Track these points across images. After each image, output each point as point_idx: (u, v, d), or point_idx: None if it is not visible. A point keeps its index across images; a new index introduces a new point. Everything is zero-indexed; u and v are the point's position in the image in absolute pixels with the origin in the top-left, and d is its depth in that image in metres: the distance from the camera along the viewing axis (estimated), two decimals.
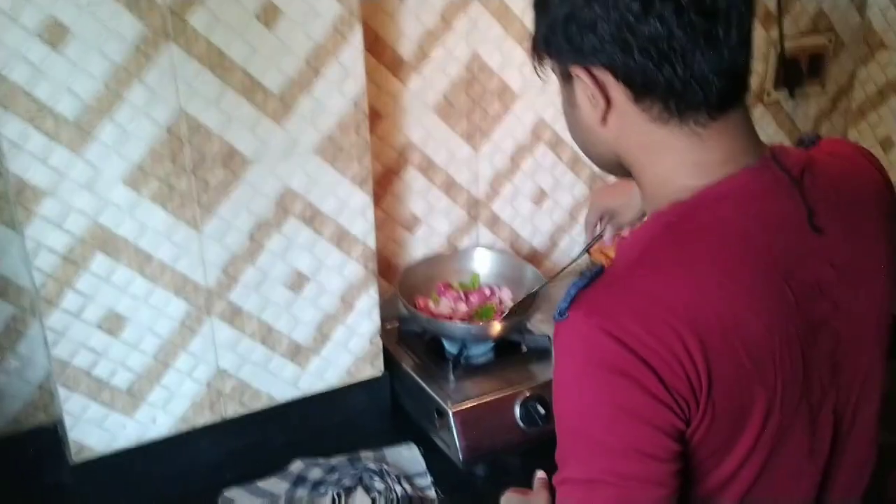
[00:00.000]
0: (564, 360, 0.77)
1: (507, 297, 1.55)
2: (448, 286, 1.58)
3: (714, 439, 0.76)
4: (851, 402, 0.85)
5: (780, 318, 0.76)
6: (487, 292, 1.57)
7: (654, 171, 0.81)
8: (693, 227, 0.77)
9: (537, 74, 0.85)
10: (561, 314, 0.75)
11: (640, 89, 0.75)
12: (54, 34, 1.07)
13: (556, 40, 0.78)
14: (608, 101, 0.78)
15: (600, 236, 1.35)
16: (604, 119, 0.79)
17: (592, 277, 0.77)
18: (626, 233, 1.35)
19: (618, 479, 0.74)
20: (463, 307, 1.52)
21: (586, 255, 1.50)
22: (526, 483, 1.04)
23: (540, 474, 1.02)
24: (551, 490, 0.89)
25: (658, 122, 0.77)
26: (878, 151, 1.96)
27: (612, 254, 1.62)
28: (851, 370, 0.84)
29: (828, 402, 0.83)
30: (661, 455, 0.74)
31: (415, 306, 1.50)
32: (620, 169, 0.85)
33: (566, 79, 0.81)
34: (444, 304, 1.52)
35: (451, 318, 1.50)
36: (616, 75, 0.76)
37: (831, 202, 0.81)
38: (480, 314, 1.52)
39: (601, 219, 1.33)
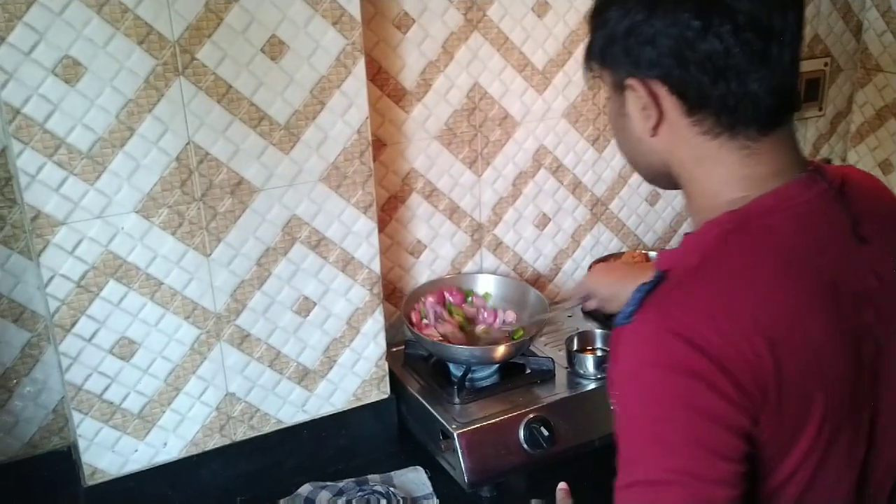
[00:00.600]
0: (631, 364, 0.78)
1: (511, 319, 1.58)
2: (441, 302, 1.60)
3: (777, 441, 0.78)
4: (886, 408, 0.87)
5: (835, 324, 0.79)
6: (484, 314, 1.59)
7: (704, 182, 0.84)
8: (750, 236, 0.80)
9: (587, 84, 0.89)
10: (627, 318, 0.77)
11: (694, 103, 0.79)
12: (69, 71, 1.12)
13: (614, 52, 0.82)
14: (661, 112, 0.81)
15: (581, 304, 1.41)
16: (655, 130, 0.82)
17: (656, 283, 0.79)
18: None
19: (690, 480, 0.74)
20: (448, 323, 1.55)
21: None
22: None
23: (562, 485, 1.04)
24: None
25: (709, 136, 0.80)
26: (877, 174, 1.98)
27: None
28: (888, 377, 0.86)
29: (867, 408, 0.85)
30: (732, 455, 0.75)
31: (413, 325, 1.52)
32: (667, 179, 0.88)
33: (618, 89, 0.84)
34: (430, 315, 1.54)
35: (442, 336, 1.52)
36: (671, 89, 0.79)
37: (869, 214, 0.85)
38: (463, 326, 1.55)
39: (587, 297, 1.38)
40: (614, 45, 0.81)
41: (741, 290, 0.77)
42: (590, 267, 1.71)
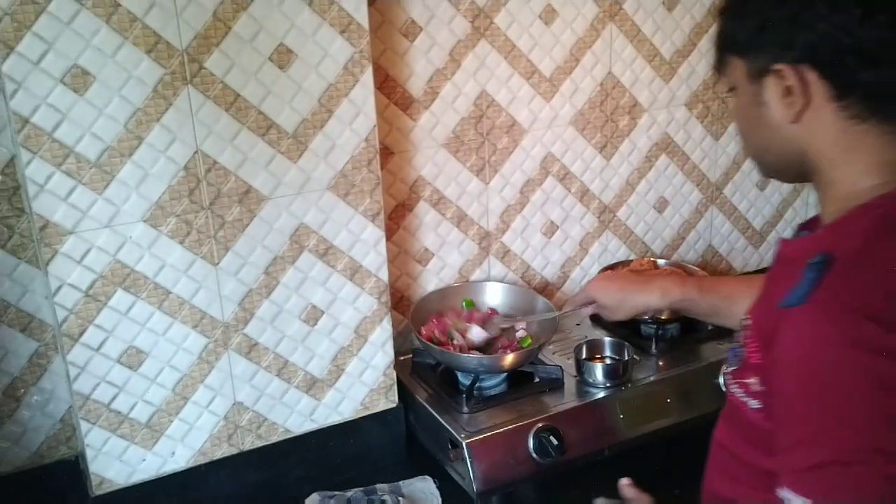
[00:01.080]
0: (813, 343, 0.78)
1: (519, 326, 1.57)
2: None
3: None
4: None
5: None
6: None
7: (847, 168, 0.85)
8: None
9: (718, 77, 0.92)
10: (802, 298, 0.77)
11: (844, 89, 0.81)
12: (78, 80, 1.12)
13: (765, 38, 0.83)
14: (807, 98, 0.82)
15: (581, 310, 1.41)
16: (798, 116, 0.84)
17: (826, 264, 0.79)
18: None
19: (882, 457, 0.74)
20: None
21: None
22: None
23: (625, 481, 1.06)
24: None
25: (855, 121, 0.82)
26: None
27: None
28: None
29: None
30: None
31: (428, 339, 1.51)
32: (798, 169, 0.89)
33: (755, 78, 0.86)
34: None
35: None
36: (822, 74, 0.81)
37: None
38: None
39: (587, 304, 1.37)
40: (767, 31, 0.83)
41: None
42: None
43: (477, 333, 1.52)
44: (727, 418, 0.98)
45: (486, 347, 1.53)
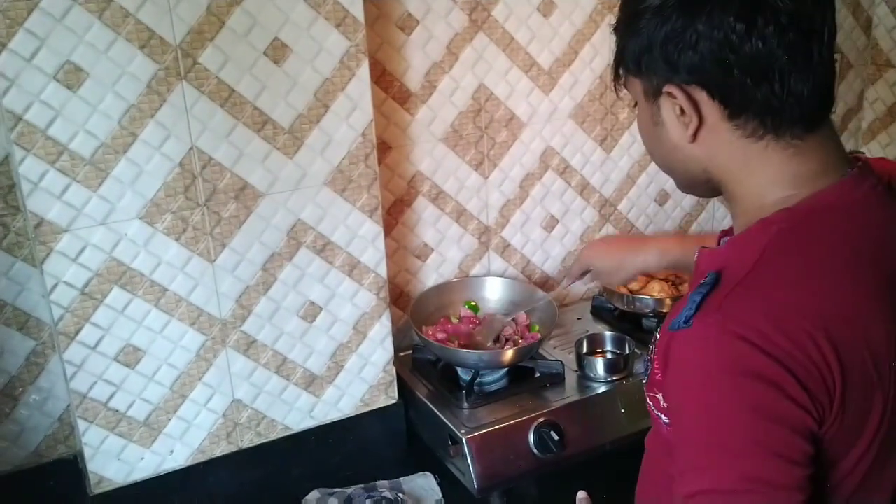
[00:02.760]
0: (694, 368, 0.76)
1: (522, 320, 1.56)
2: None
3: (838, 443, 0.77)
4: None
5: (893, 321, 0.78)
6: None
7: (750, 183, 0.82)
8: (806, 235, 0.79)
9: (616, 93, 0.89)
10: (686, 322, 0.75)
11: (737, 107, 0.78)
12: (71, 76, 1.11)
13: (651, 59, 0.80)
14: (700, 118, 0.80)
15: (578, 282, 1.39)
16: (694, 136, 0.81)
17: (712, 285, 0.77)
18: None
19: (761, 487, 0.72)
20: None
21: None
22: None
23: (582, 494, 1.03)
24: None
25: (753, 138, 0.80)
26: None
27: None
28: None
29: None
30: (802, 460, 0.73)
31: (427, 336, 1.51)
32: (707, 186, 0.87)
33: (651, 97, 0.83)
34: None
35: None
36: (712, 94, 0.78)
37: None
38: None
39: (584, 273, 1.35)
40: (651, 53, 0.80)
41: (806, 290, 0.75)
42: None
43: (521, 318, 1.54)
44: (652, 429, 0.96)
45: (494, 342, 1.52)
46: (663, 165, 0.90)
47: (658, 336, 0.87)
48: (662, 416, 0.85)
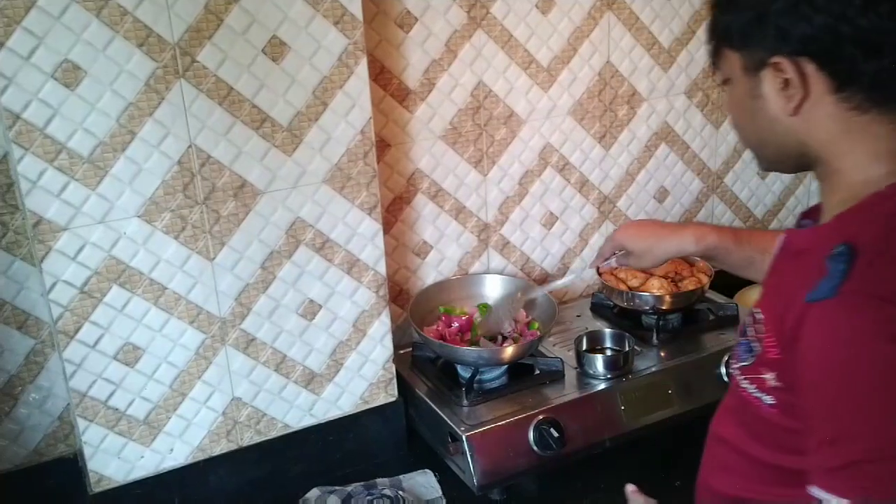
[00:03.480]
0: (846, 339, 0.76)
1: (522, 318, 1.56)
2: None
3: None
4: None
5: None
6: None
7: (851, 158, 0.84)
8: None
9: (712, 72, 0.90)
10: (833, 292, 0.75)
11: (844, 80, 0.80)
12: (69, 75, 1.11)
13: (761, 31, 0.81)
14: (806, 91, 0.81)
15: (606, 262, 1.38)
16: (797, 109, 0.82)
17: (850, 255, 0.77)
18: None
19: None
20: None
21: (594, 276, 1.51)
22: None
23: (631, 487, 1.04)
24: None
25: (857, 111, 0.81)
26: None
27: (620, 275, 1.63)
28: None
29: None
30: None
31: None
32: (799, 160, 0.88)
33: (752, 71, 0.84)
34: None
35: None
36: (821, 66, 0.80)
37: None
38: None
39: (615, 253, 1.35)
40: (762, 25, 0.81)
41: None
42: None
43: (521, 315, 1.55)
44: (731, 412, 0.96)
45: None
46: (755, 140, 0.91)
47: (762, 314, 0.86)
48: (766, 398, 0.85)
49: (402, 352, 1.55)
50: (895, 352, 0.73)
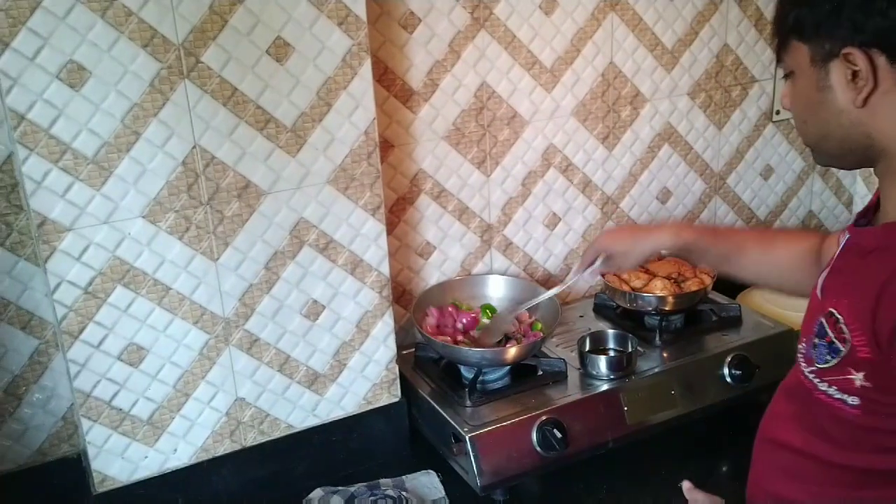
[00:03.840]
0: None
1: (524, 318, 1.56)
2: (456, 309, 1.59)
3: None
4: None
5: None
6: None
7: None
8: None
9: (777, 62, 0.92)
10: None
11: None
12: (74, 75, 1.11)
13: (834, 22, 0.83)
14: (875, 82, 0.83)
15: (589, 268, 1.38)
16: (866, 101, 0.84)
17: None
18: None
19: None
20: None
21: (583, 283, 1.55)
22: None
23: (687, 484, 1.05)
24: None
25: None
26: None
27: (626, 277, 1.63)
28: None
29: None
30: None
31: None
32: (863, 154, 0.89)
33: (820, 62, 0.85)
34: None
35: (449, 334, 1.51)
36: (892, 59, 0.81)
37: None
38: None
39: (597, 258, 1.36)
40: (837, 16, 0.82)
41: None
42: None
43: (523, 316, 1.54)
44: (791, 418, 0.95)
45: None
46: (817, 134, 0.91)
47: (838, 318, 0.86)
48: (849, 398, 0.86)
49: (405, 352, 1.56)
50: None
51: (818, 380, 0.89)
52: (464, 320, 1.54)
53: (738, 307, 1.66)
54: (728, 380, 1.49)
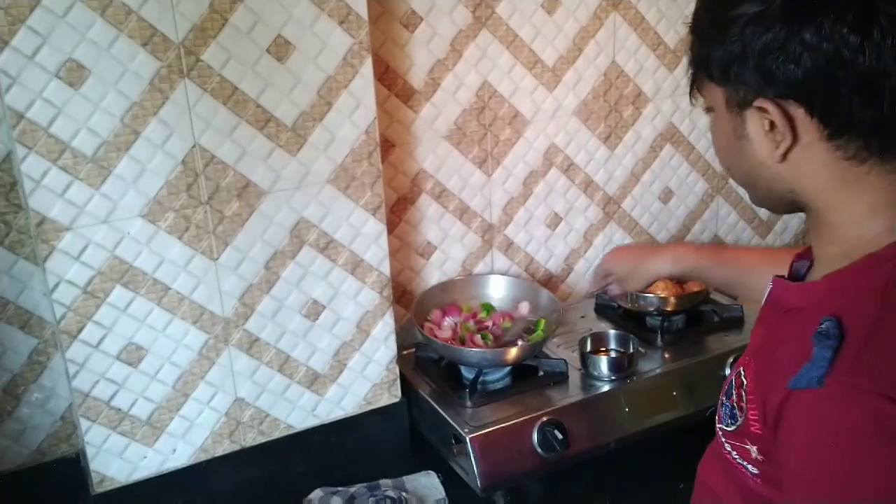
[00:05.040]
0: (833, 431, 0.68)
1: (524, 310, 1.56)
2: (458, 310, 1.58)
3: None
4: None
5: None
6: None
7: (847, 211, 0.76)
8: None
9: (691, 100, 0.82)
10: (819, 382, 0.68)
11: (839, 127, 0.71)
12: (73, 74, 1.11)
13: (743, 69, 0.73)
14: (795, 136, 0.73)
15: (604, 291, 1.38)
16: (785, 156, 0.75)
17: (839, 338, 0.69)
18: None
19: None
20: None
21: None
22: None
23: None
24: None
25: (854, 161, 0.73)
26: None
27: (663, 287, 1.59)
28: None
29: None
30: None
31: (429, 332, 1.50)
32: (791, 206, 0.81)
33: (735, 109, 0.76)
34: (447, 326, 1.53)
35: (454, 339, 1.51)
36: (811, 111, 0.71)
37: None
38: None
39: (606, 277, 1.35)
40: (744, 63, 0.72)
41: None
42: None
43: (524, 307, 1.56)
44: (719, 465, 0.88)
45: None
46: (743, 181, 0.83)
47: (743, 381, 0.80)
48: (750, 467, 0.80)
49: (405, 352, 1.55)
50: (889, 454, 0.65)
51: (724, 440, 0.84)
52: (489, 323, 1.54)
53: (740, 308, 1.65)
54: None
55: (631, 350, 1.49)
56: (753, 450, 0.79)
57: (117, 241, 1.19)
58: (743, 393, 0.80)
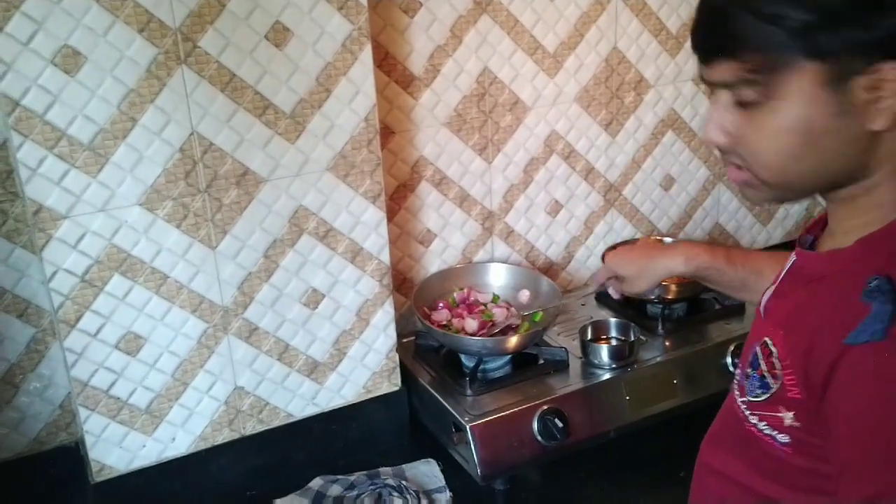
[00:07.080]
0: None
1: (524, 298, 1.55)
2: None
3: None
4: None
5: None
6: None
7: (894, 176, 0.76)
8: None
9: (739, 84, 0.78)
10: (877, 335, 0.69)
11: None
12: (69, 61, 1.10)
13: (838, 36, 0.69)
14: None
15: (605, 292, 1.38)
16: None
17: (893, 291, 0.70)
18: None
19: None
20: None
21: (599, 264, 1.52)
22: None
23: None
24: None
25: None
26: None
27: None
28: None
29: None
30: None
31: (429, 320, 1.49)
32: (829, 187, 0.79)
33: (835, 85, 0.71)
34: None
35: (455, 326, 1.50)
36: None
37: None
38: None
39: (609, 278, 1.34)
40: (839, 25, 0.69)
41: None
42: (602, 255, 1.67)
43: (524, 296, 1.57)
44: (728, 444, 0.90)
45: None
46: (810, 170, 0.77)
47: (772, 350, 0.80)
48: (780, 436, 0.80)
49: (405, 341, 1.54)
50: None
51: (749, 412, 0.84)
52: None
53: None
54: (731, 369, 1.48)
55: (632, 338, 1.49)
56: (788, 416, 0.79)
57: (115, 229, 1.19)
58: (775, 361, 0.80)
